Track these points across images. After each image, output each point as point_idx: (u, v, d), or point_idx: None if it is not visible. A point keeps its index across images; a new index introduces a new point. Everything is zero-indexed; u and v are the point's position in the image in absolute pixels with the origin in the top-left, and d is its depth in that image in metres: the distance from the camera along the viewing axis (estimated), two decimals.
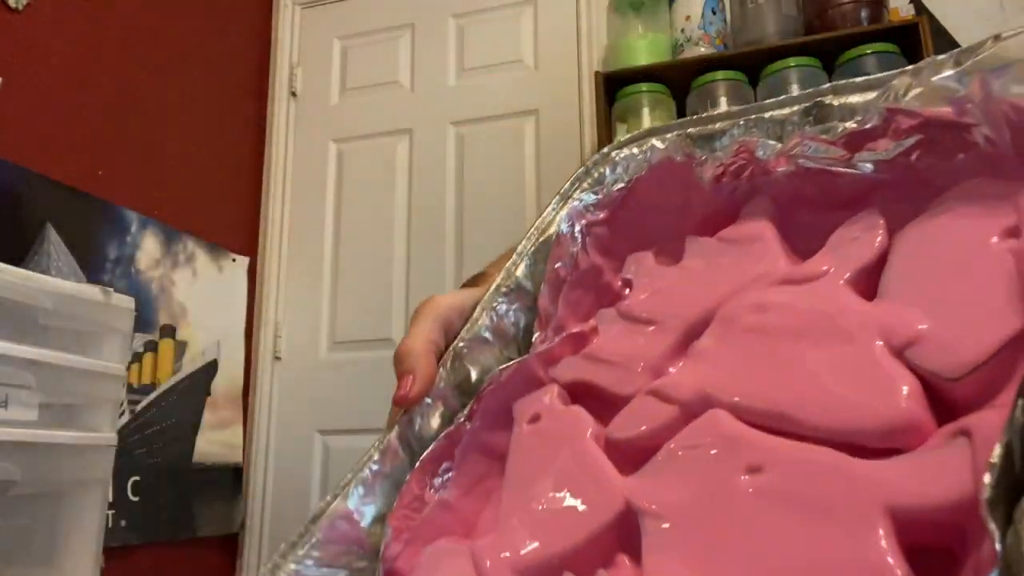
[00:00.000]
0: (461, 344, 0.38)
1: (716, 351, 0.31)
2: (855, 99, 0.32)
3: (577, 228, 0.39)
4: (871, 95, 0.32)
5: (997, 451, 0.18)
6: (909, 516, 0.22)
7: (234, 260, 1.98)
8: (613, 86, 1.72)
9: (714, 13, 1.72)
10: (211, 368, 1.86)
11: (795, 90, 1.58)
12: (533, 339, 0.39)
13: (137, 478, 1.60)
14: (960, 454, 0.22)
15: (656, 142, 0.39)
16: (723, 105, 1.63)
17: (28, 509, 0.85)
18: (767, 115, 0.35)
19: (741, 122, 0.36)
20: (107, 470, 0.95)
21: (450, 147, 2.01)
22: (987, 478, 0.18)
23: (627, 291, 0.39)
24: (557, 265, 0.39)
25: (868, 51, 1.55)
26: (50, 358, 0.86)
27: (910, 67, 0.30)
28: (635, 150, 0.40)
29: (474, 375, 0.38)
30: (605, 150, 0.41)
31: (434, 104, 2.05)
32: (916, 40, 1.53)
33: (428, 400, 0.37)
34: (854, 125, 0.30)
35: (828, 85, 0.33)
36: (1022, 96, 0.25)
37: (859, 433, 0.25)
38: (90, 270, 1.54)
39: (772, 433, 0.27)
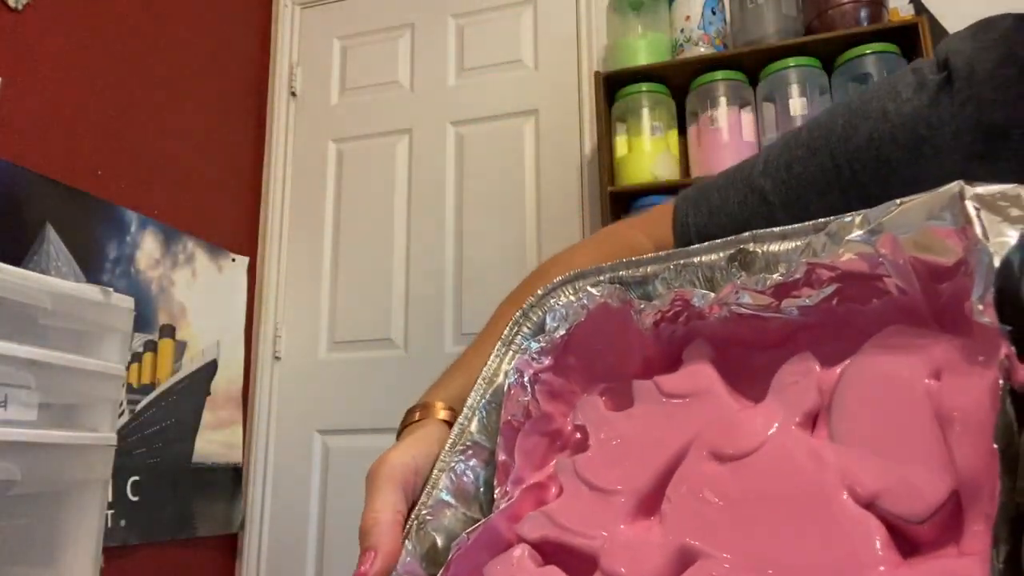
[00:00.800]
0: (424, 511, 0.39)
1: (687, 511, 0.33)
2: (774, 247, 0.36)
3: (526, 377, 0.41)
4: (788, 244, 0.35)
5: None
6: None
7: (234, 260, 1.98)
8: (613, 86, 1.72)
9: (714, 13, 1.72)
10: (211, 368, 1.86)
11: (795, 90, 1.58)
12: (495, 494, 0.39)
13: (137, 478, 1.60)
14: None
15: (592, 289, 0.41)
16: (723, 105, 1.63)
17: (28, 509, 0.85)
18: (695, 260, 0.38)
19: (671, 266, 0.39)
20: (107, 470, 0.95)
21: (450, 147, 2.01)
22: None
23: (578, 435, 0.41)
24: (510, 417, 0.40)
25: (868, 51, 1.55)
26: (50, 358, 0.86)
27: (823, 223, 0.34)
28: (572, 297, 0.42)
29: (440, 542, 0.38)
30: (540, 293, 0.43)
31: (434, 104, 2.05)
32: (916, 40, 1.53)
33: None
34: (780, 277, 0.34)
35: (748, 234, 0.37)
36: (924, 255, 0.29)
37: None
38: (90, 270, 1.54)
39: None
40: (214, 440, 1.84)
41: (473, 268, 1.91)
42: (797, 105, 1.57)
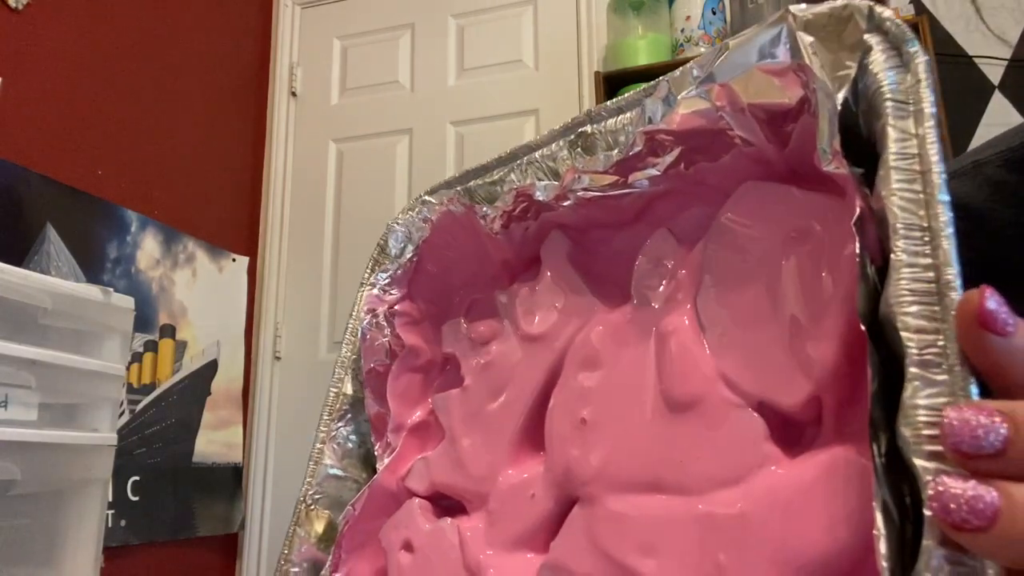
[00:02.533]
0: (311, 491, 0.36)
1: (565, 437, 0.31)
2: (611, 123, 0.33)
3: (381, 316, 0.38)
4: (624, 117, 0.33)
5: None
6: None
7: (234, 260, 1.98)
8: (613, 86, 1.72)
9: (714, 13, 1.72)
10: (211, 368, 1.86)
11: None
12: (375, 450, 0.36)
13: (137, 478, 1.60)
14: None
15: (429, 198, 0.38)
16: None
17: (28, 509, 0.85)
18: (537, 155, 0.36)
19: (515, 166, 0.36)
20: (107, 470, 0.95)
21: (450, 147, 2.01)
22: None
23: (449, 366, 0.38)
24: (372, 364, 0.37)
25: None
26: (50, 358, 0.86)
27: (651, 86, 0.31)
28: (411, 213, 0.39)
29: (334, 517, 0.36)
30: (388, 221, 0.40)
31: (434, 104, 2.05)
32: (916, 40, 1.53)
33: (295, 568, 0.34)
34: (619, 154, 0.31)
35: (583, 114, 0.34)
36: (762, 100, 0.26)
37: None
38: (90, 270, 1.54)
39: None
40: (214, 440, 1.84)
41: None
42: None
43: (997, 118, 1.61)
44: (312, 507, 0.36)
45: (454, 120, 2.02)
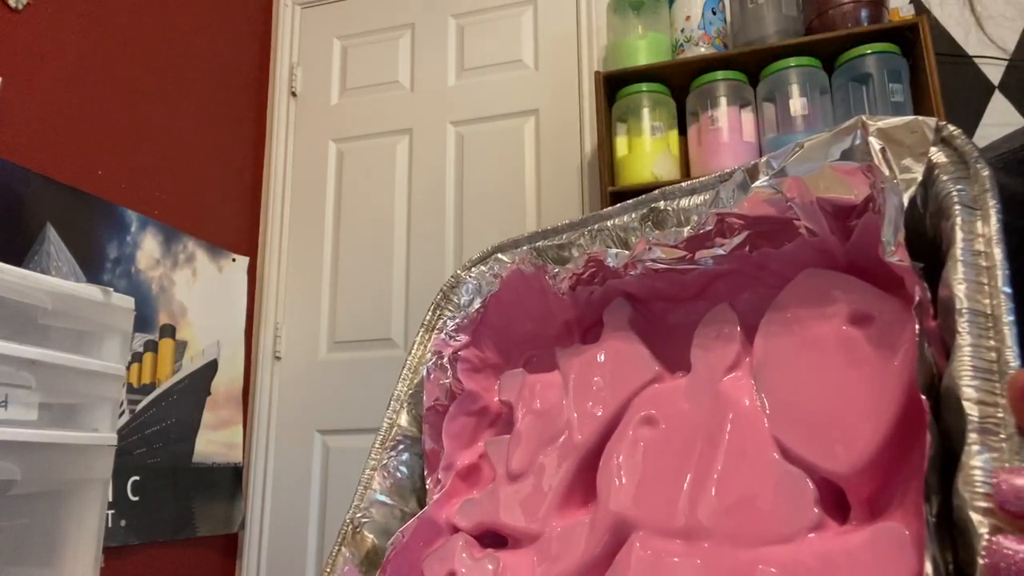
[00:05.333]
0: (359, 515, 0.37)
1: (619, 475, 0.32)
2: (684, 202, 0.36)
3: (445, 358, 0.40)
4: (698, 198, 0.35)
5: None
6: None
7: (234, 260, 1.98)
8: (613, 86, 1.72)
9: (714, 13, 1.72)
10: (211, 368, 1.86)
11: (795, 90, 1.58)
12: (427, 484, 0.38)
13: (137, 478, 1.60)
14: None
15: (502, 256, 0.41)
16: (723, 104, 1.63)
17: (28, 509, 0.85)
18: (609, 223, 0.38)
19: (586, 231, 0.39)
20: (107, 470, 0.95)
21: (450, 147, 2.01)
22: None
23: (505, 411, 0.40)
24: (433, 402, 0.40)
25: (868, 51, 1.55)
26: (50, 358, 0.86)
27: (727, 174, 0.33)
28: (483, 268, 0.41)
29: (378, 542, 0.37)
30: (459, 272, 0.43)
31: (434, 104, 2.05)
32: (916, 40, 1.53)
33: None
34: (691, 230, 0.34)
35: (657, 191, 0.37)
36: (830, 195, 0.29)
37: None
38: (90, 270, 1.54)
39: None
40: (214, 440, 1.84)
41: None
42: (797, 105, 1.57)
43: (997, 118, 1.61)
44: (359, 530, 0.37)
45: (454, 120, 2.02)
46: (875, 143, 0.27)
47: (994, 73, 1.64)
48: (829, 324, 0.29)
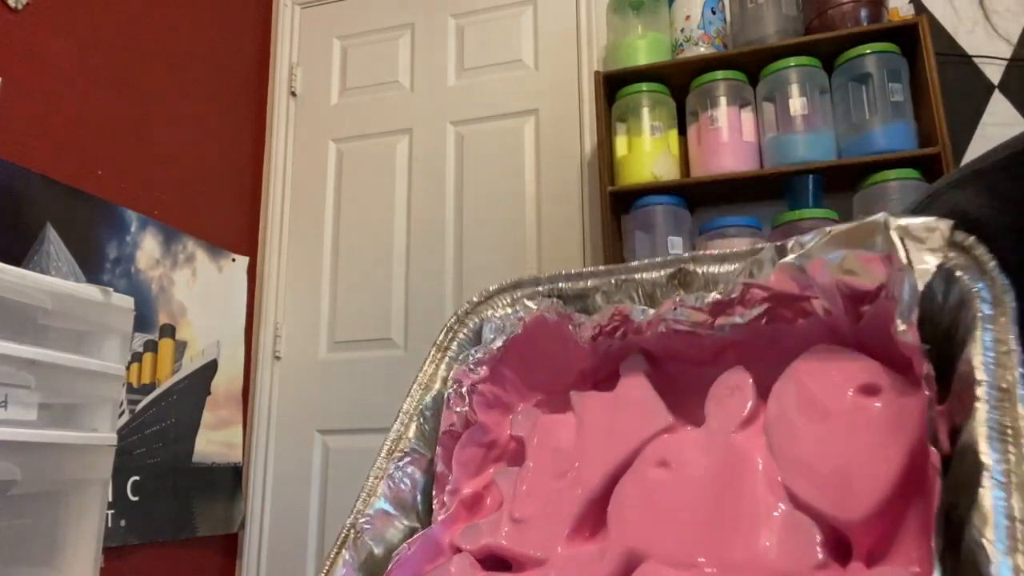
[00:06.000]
0: (361, 520, 0.38)
1: (632, 518, 0.34)
2: (713, 268, 0.38)
3: (464, 388, 0.41)
4: (728, 267, 0.38)
5: None
6: None
7: (234, 260, 1.98)
8: (613, 86, 1.72)
9: (714, 13, 1.72)
10: (211, 368, 1.86)
11: (795, 90, 1.58)
12: (433, 504, 0.39)
13: (137, 478, 1.60)
14: None
15: (529, 303, 0.42)
16: (723, 104, 1.63)
17: (28, 509, 0.85)
18: (636, 276, 0.40)
19: (612, 280, 0.41)
20: (107, 470, 0.95)
21: (450, 147, 2.01)
22: None
23: (514, 445, 0.42)
24: (449, 427, 0.41)
25: (868, 51, 1.55)
26: (50, 358, 0.86)
27: (759, 248, 0.36)
28: (508, 310, 0.43)
29: (377, 551, 0.38)
30: (476, 300, 0.44)
31: (434, 104, 2.05)
32: (916, 40, 1.53)
33: None
34: (719, 295, 0.36)
35: (688, 254, 0.39)
36: (849, 279, 0.32)
37: None
38: (90, 270, 1.54)
39: None
40: (214, 440, 1.84)
41: (473, 268, 1.91)
42: (797, 105, 1.57)
43: (997, 118, 1.61)
44: (360, 535, 0.38)
45: (454, 120, 2.02)
46: (895, 236, 0.30)
47: (994, 73, 1.64)
48: (840, 391, 0.31)
